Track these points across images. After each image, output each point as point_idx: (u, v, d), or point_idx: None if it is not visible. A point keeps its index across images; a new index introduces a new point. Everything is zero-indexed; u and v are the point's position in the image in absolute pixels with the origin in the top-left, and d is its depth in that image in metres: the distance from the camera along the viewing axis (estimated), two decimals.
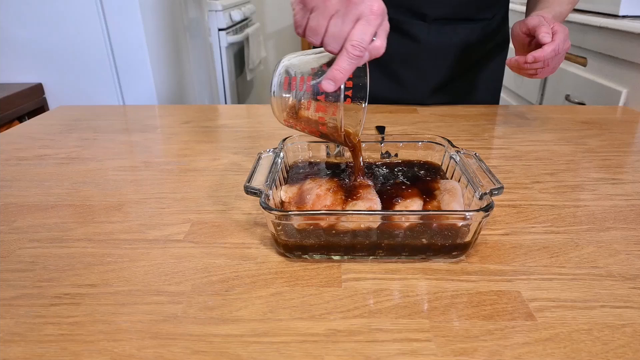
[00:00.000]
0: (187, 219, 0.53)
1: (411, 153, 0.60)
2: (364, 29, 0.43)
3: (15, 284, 0.42)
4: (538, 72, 0.72)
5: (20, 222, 0.52)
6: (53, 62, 1.50)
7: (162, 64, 1.63)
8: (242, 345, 0.35)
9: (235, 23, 2.50)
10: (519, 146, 0.74)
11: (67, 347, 0.35)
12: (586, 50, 1.30)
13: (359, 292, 0.40)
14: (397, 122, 0.85)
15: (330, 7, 0.43)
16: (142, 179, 0.63)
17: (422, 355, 0.34)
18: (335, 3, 0.43)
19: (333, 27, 0.44)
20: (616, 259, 0.45)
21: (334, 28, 0.44)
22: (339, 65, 0.44)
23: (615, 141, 0.76)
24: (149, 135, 0.81)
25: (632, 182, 0.61)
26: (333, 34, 0.44)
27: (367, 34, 0.43)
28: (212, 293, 0.40)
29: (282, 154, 0.56)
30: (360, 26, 0.43)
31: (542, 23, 0.70)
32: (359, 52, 0.43)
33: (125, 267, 0.44)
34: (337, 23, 0.43)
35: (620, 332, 0.36)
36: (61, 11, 1.43)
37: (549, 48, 0.68)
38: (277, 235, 0.44)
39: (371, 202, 0.48)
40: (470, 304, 0.39)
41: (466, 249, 0.44)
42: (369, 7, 0.43)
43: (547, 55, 0.68)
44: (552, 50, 0.68)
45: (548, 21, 0.71)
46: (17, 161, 0.70)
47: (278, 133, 0.81)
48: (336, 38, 0.44)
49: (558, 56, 0.70)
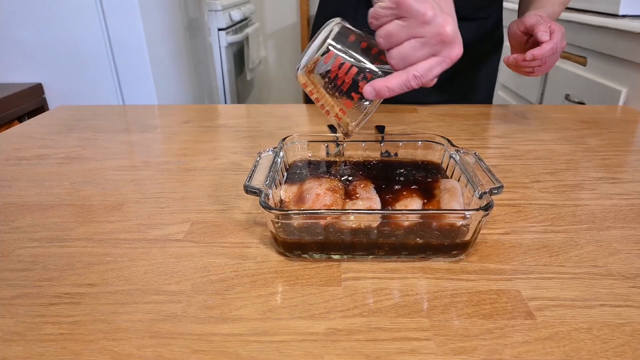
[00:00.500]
0: (187, 219, 0.53)
1: (411, 152, 0.60)
2: (434, 68, 0.43)
3: (15, 284, 0.42)
4: (535, 70, 0.73)
5: (20, 222, 0.52)
6: (53, 62, 1.50)
7: (162, 63, 1.63)
8: (241, 345, 0.35)
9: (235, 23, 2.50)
10: (518, 145, 0.74)
11: (67, 347, 0.35)
12: (586, 49, 1.30)
13: (358, 291, 0.40)
14: (396, 121, 0.85)
15: (420, 29, 0.41)
16: (141, 179, 0.63)
17: (422, 354, 0.34)
18: (429, 30, 0.41)
19: (409, 47, 0.42)
20: (616, 258, 0.45)
21: (410, 49, 0.42)
22: (391, 83, 0.43)
23: (615, 140, 0.76)
24: (148, 135, 0.81)
25: (632, 182, 0.61)
26: (405, 53, 0.42)
27: (433, 73, 0.43)
28: (211, 292, 0.40)
29: (281, 153, 0.56)
30: (433, 62, 0.43)
31: (539, 22, 0.71)
32: (416, 84, 0.43)
33: (125, 267, 0.44)
34: (415, 46, 0.42)
35: (619, 331, 0.36)
36: (61, 11, 1.43)
37: (547, 46, 0.69)
38: (276, 234, 0.44)
39: (371, 201, 0.48)
40: (469, 303, 0.39)
41: (466, 248, 0.44)
42: (450, 51, 0.42)
43: (545, 53, 0.69)
44: (551, 48, 0.69)
45: (545, 20, 0.72)
46: (17, 161, 0.70)
47: (278, 132, 0.81)
48: (404, 59, 0.43)
49: (555, 54, 0.71)
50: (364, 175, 0.55)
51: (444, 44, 0.42)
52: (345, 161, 0.60)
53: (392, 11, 0.42)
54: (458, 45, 0.43)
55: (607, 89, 1.20)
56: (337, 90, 0.47)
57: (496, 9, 0.92)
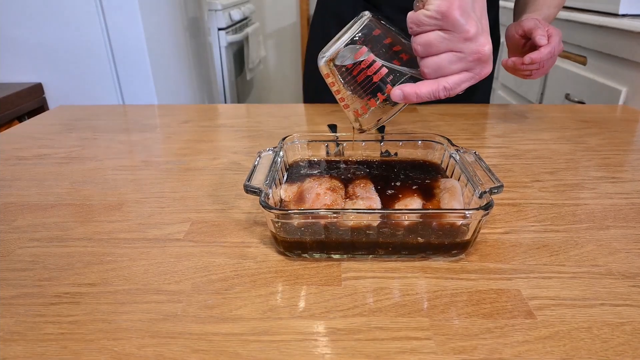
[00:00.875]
0: (187, 218, 0.53)
1: (411, 152, 0.60)
2: (464, 83, 0.44)
3: (15, 283, 0.42)
4: (533, 74, 0.74)
5: (20, 222, 0.52)
6: (53, 61, 1.50)
7: (162, 63, 1.63)
8: (241, 344, 0.35)
9: (235, 22, 2.50)
10: (518, 145, 0.74)
11: (67, 346, 0.35)
12: (586, 49, 1.30)
13: (358, 291, 0.40)
14: (396, 121, 0.85)
15: (459, 45, 0.42)
16: (141, 179, 0.63)
17: (422, 353, 0.34)
18: (468, 47, 0.42)
19: (445, 60, 0.43)
20: (616, 257, 0.45)
21: (446, 61, 0.43)
22: (421, 90, 0.43)
23: (615, 140, 0.76)
24: (148, 134, 0.81)
25: (632, 181, 0.61)
26: (441, 65, 0.43)
27: (461, 87, 0.44)
28: (211, 292, 0.40)
29: (281, 152, 0.56)
30: (464, 77, 0.43)
31: (537, 26, 0.72)
32: (444, 94, 0.43)
33: (125, 266, 0.44)
34: (452, 60, 0.43)
35: (619, 330, 0.36)
36: (61, 11, 1.43)
37: (546, 50, 0.69)
38: (276, 234, 0.44)
39: (371, 200, 0.48)
40: (469, 302, 0.39)
41: (466, 247, 0.44)
42: (482, 69, 0.43)
43: (543, 57, 0.70)
44: (549, 52, 0.70)
45: (542, 24, 0.72)
46: (17, 161, 0.70)
47: (278, 132, 0.81)
48: (439, 70, 0.43)
49: (553, 58, 0.72)
50: (364, 174, 0.55)
51: (479, 62, 0.43)
52: (346, 161, 0.60)
53: (436, 22, 0.42)
54: (490, 64, 0.44)
55: (607, 89, 1.20)
56: (362, 87, 0.47)
57: (492, 11, 0.92)
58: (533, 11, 0.80)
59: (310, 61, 1.04)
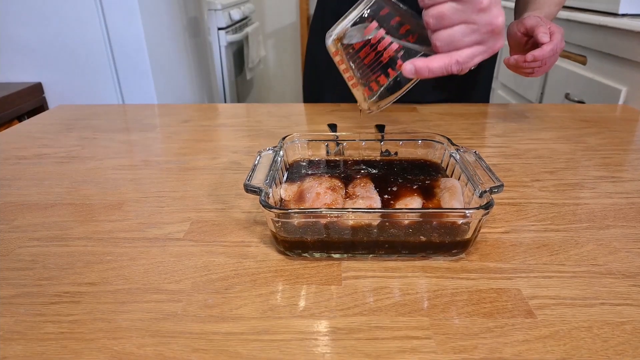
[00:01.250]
0: (187, 218, 0.53)
1: (411, 151, 0.60)
2: (477, 57, 0.43)
3: (15, 283, 0.42)
4: (535, 71, 0.74)
5: (20, 221, 0.52)
6: (52, 61, 1.50)
7: (162, 62, 1.63)
8: (242, 343, 0.35)
9: (235, 22, 2.49)
10: (518, 144, 0.74)
11: (67, 345, 0.35)
12: (586, 48, 1.30)
13: (359, 290, 0.40)
14: (396, 120, 0.85)
15: (473, 16, 0.41)
16: (141, 178, 0.63)
17: (422, 352, 0.34)
18: (482, 18, 0.41)
19: (458, 32, 0.42)
20: (616, 257, 0.45)
21: (459, 33, 0.42)
22: (432, 65, 0.42)
23: (615, 139, 0.76)
24: (148, 134, 0.81)
25: (632, 180, 0.61)
26: (454, 37, 0.42)
27: (474, 61, 0.43)
28: (212, 291, 0.40)
29: (281, 152, 0.56)
30: (477, 51, 0.43)
31: (539, 23, 0.71)
32: (457, 69, 0.43)
33: (125, 266, 0.44)
34: (465, 32, 0.42)
35: (620, 330, 0.36)
36: (61, 10, 1.42)
37: (548, 48, 0.69)
38: (277, 233, 0.44)
39: (371, 200, 0.48)
40: (470, 301, 0.39)
41: (466, 246, 0.44)
42: (494, 42, 0.43)
43: (545, 54, 0.69)
44: (551, 49, 0.69)
45: (544, 22, 0.72)
46: (17, 160, 0.70)
47: (278, 132, 0.81)
48: (452, 42, 0.42)
49: (555, 55, 0.71)
50: (364, 174, 0.55)
51: (492, 34, 0.42)
52: (346, 160, 0.60)
53: None
54: (503, 37, 0.43)
55: (607, 88, 1.20)
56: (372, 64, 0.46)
57: None
58: (534, 9, 0.80)
59: (310, 60, 1.04)
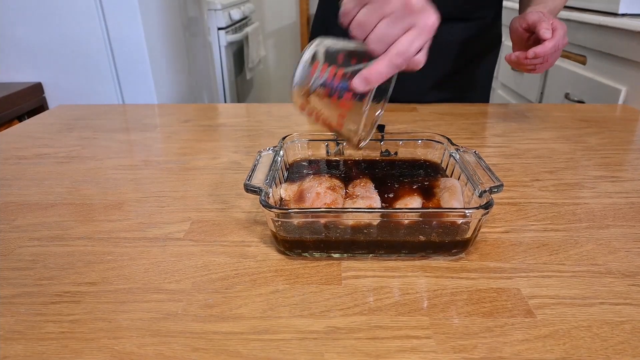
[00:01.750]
0: (187, 217, 0.53)
1: (411, 151, 0.60)
2: (414, 41, 0.42)
3: (16, 282, 0.42)
4: (537, 68, 0.73)
5: (20, 221, 0.52)
6: (52, 61, 1.50)
7: (162, 62, 1.63)
8: (242, 343, 0.35)
9: (235, 22, 2.49)
10: (518, 144, 0.74)
11: (68, 345, 0.35)
12: (585, 48, 1.30)
13: (358, 290, 0.41)
14: (396, 120, 0.85)
15: (386, 7, 0.41)
16: (141, 178, 0.63)
17: (422, 352, 0.34)
18: (394, 4, 0.41)
19: (383, 28, 0.42)
20: (615, 256, 0.45)
21: (384, 29, 0.42)
22: (377, 69, 0.42)
23: (615, 139, 0.76)
24: (148, 134, 0.81)
25: (632, 180, 0.61)
26: (381, 34, 0.42)
27: (414, 46, 0.42)
28: (212, 291, 0.41)
29: (282, 152, 0.56)
30: (411, 36, 0.42)
31: (542, 19, 0.71)
32: (401, 61, 0.42)
33: (125, 265, 0.44)
34: (389, 25, 0.42)
35: (619, 329, 0.36)
36: (61, 10, 1.42)
37: (550, 44, 0.68)
38: (277, 233, 0.44)
39: (371, 200, 0.48)
40: (469, 301, 0.39)
41: (466, 246, 0.44)
42: (424, 20, 0.42)
43: (547, 51, 0.69)
44: (553, 46, 0.69)
45: (547, 17, 0.71)
46: (17, 160, 0.70)
47: (278, 132, 0.81)
48: (382, 40, 0.42)
49: (557, 52, 0.71)
50: (364, 174, 0.55)
51: (414, 13, 0.41)
52: (345, 160, 0.60)
53: (355, 1, 0.43)
54: (430, 12, 0.42)
55: (606, 88, 1.20)
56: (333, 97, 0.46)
57: (494, 7, 0.92)
58: (538, 4, 0.79)
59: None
